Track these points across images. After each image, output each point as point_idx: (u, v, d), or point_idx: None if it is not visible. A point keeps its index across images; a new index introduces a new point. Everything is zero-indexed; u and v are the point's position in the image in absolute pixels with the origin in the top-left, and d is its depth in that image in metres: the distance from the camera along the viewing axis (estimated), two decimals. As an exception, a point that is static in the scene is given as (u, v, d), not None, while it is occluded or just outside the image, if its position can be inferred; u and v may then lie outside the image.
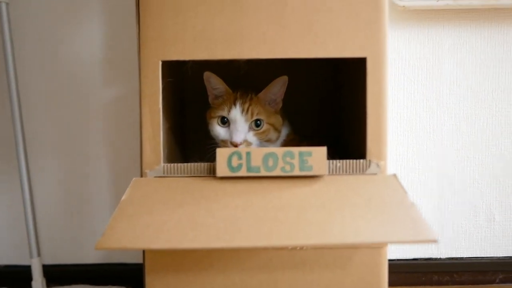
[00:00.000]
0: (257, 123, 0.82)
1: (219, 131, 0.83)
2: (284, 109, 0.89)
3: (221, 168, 0.69)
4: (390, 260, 1.09)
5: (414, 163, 1.09)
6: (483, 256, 1.10)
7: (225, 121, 0.83)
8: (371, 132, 0.71)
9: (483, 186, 1.09)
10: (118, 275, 1.12)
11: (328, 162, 0.70)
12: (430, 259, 1.11)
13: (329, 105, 1.03)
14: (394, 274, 1.09)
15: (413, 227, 0.59)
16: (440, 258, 1.11)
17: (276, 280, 0.70)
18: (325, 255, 0.70)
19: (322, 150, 0.69)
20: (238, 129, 0.80)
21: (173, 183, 0.70)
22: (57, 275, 1.12)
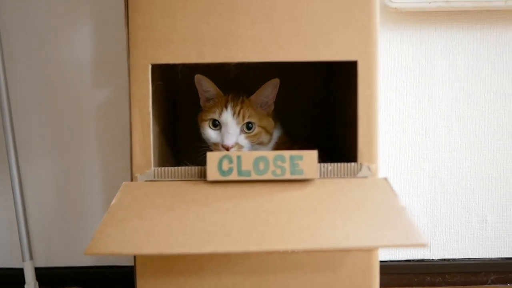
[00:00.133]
0: (249, 126, 0.82)
1: (211, 134, 0.83)
2: (277, 111, 0.89)
3: (212, 172, 0.69)
4: (383, 261, 1.10)
5: (407, 165, 1.09)
6: (475, 257, 1.11)
7: (216, 124, 0.82)
8: (362, 135, 0.71)
9: (475, 188, 1.09)
10: (111, 278, 1.11)
11: (319, 166, 0.70)
12: (423, 260, 1.11)
13: (322, 108, 1.03)
14: (387, 275, 1.09)
15: (403, 231, 0.59)
16: (433, 259, 1.11)
17: (268, 283, 0.70)
18: (317, 258, 0.70)
19: (313, 154, 0.69)
20: (229, 132, 0.80)
21: (164, 187, 0.70)
22: (50, 278, 1.11)
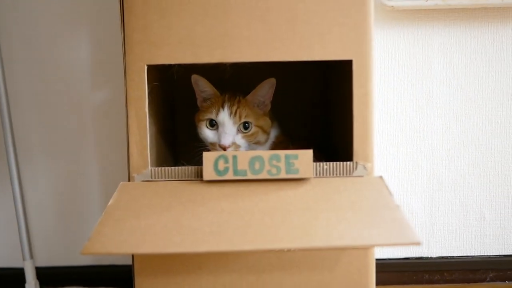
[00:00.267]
0: (246, 126, 0.82)
1: (208, 134, 0.83)
2: (275, 111, 0.89)
3: (208, 172, 0.69)
4: (381, 259, 1.10)
5: (404, 163, 1.09)
6: (473, 254, 1.11)
7: (213, 124, 0.83)
8: (358, 134, 0.71)
9: (473, 185, 1.09)
10: (110, 276, 1.12)
11: (314, 165, 0.70)
12: (421, 258, 1.12)
13: (319, 107, 1.03)
14: (385, 273, 1.09)
15: (397, 230, 0.59)
16: (431, 257, 1.11)
17: (264, 281, 0.70)
18: (313, 257, 0.70)
19: (308, 153, 0.69)
20: (226, 132, 0.80)
21: (160, 187, 0.70)
22: (50, 277, 1.12)
